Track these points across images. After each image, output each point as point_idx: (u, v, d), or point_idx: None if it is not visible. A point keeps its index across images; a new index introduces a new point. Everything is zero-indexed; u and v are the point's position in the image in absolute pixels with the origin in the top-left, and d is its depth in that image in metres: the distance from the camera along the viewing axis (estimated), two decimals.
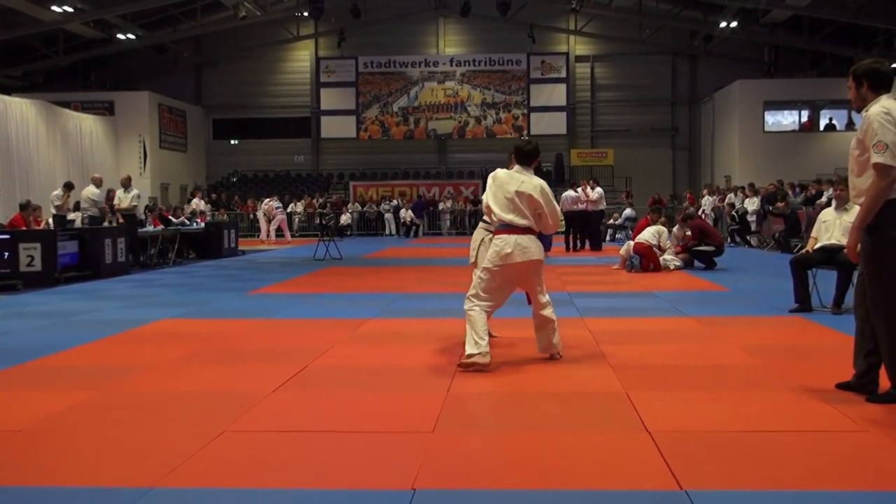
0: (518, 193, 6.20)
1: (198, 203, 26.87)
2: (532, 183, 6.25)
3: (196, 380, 6.10)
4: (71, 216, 18.08)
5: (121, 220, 16.80)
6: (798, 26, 31.71)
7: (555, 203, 6.44)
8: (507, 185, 6.28)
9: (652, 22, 34.26)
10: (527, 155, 6.44)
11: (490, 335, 6.91)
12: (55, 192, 18.56)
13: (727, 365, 6.37)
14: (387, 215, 32.94)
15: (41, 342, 7.67)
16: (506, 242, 6.14)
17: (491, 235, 6.66)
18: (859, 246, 5.10)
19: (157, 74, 35.93)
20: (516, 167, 6.41)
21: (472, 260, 7.14)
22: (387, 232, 32.73)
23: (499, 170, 6.49)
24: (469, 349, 6.07)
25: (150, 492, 3.67)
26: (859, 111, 5.14)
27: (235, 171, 38.01)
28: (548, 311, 6.37)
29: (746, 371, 6.14)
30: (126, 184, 17.66)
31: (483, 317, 6.18)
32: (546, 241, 6.64)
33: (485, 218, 6.98)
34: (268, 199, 29.37)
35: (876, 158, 4.83)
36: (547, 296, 6.42)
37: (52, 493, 3.71)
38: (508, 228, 6.18)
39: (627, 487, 3.70)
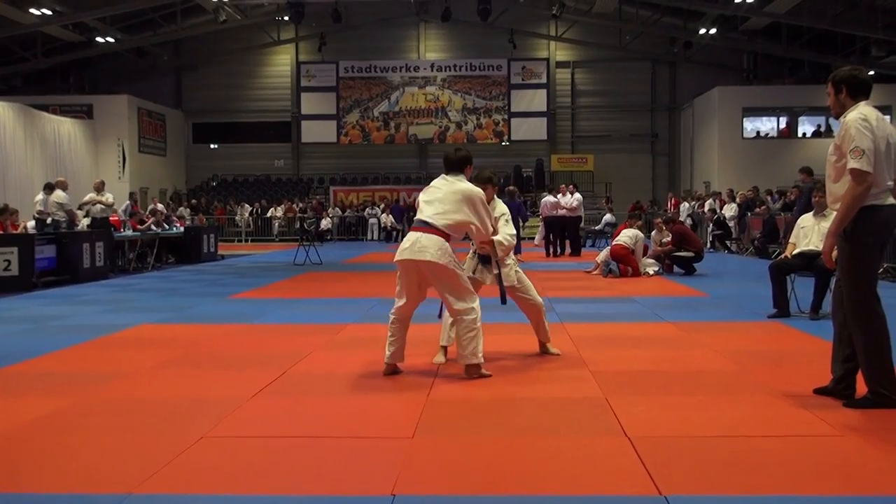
0: (444, 196, 6.09)
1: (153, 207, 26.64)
2: (459, 187, 6.12)
3: (174, 385, 6.07)
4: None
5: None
6: (776, 34, 31.98)
7: (484, 210, 6.14)
8: (438, 188, 6.18)
9: (632, 28, 34.41)
10: (453, 163, 6.27)
11: (549, 352, 6.98)
12: (38, 197, 18.33)
13: (706, 370, 6.40)
14: (371, 220, 32.93)
15: (17, 347, 7.60)
16: (407, 239, 6.06)
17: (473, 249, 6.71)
18: (834, 251, 5.14)
19: (136, 78, 35.75)
20: (446, 175, 6.25)
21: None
22: (369, 237, 32.70)
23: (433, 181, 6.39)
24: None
25: (128, 498, 3.64)
26: (837, 117, 5.19)
27: (215, 176, 37.86)
28: (467, 320, 6.00)
29: (725, 376, 6.17)
30: (99, 188, 17.53)
31: (395, 326, 6.16)
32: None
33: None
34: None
35: (852, 164, 4.87)
36: (467, 303, 6.00)
37: (27, 500, 3.68)
38: (418, 226, 6.04)
39: (607, 493, 3.70)
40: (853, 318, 5.02)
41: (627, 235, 14.73)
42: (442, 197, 6.10)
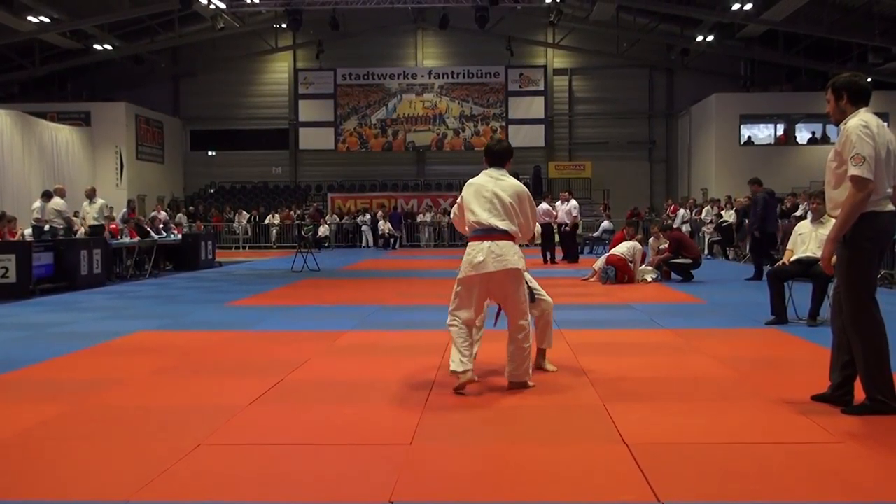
0: (496, 195, 5.73)
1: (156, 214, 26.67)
2: (507, 183, 5.80)
3: (172, 392, 6.05)
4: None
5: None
6: (773, 41, 32.07)
7: (531, 208, 5.88)
8: (485, 185, 5.81)
9: (629, 35, 34.51)
10: (497, 155, 5.95)
11: (545, 368, 6.57)
12: (36, 204, 18.32)
13: (704, 377, 6.39)
14: (364, 227, 32.88)
15: (15, 354, 7.58)
16: (478, 250, 5.64)
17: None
18: (834, 257, 5.14)
19: (134, 85, 35.77)
20: (490, 169, 5.92)
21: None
22: (364, 244, 32.65)
23: (473, 178, 5.99)
24: (453, 366, 5.72)
25: None
26: (837, 124, 5.19)
27: (213, 183, 37.88)
28: (522, 338, 5.80)
29: (723, 383, 6.16)
30: (91, 195, 17.51)
31: (463, 331, 5.78)
32: None
33: None
34: None
35: (853, 171, 4.86)
36: (526, 320, 5.83)
37: None
38: (483, 234, 5.68)
39: (605, 500, 3.69)
40: (852, 325, 5.02)
41: (626, 247, 14.76)
42: (492, 197, 5.75)
